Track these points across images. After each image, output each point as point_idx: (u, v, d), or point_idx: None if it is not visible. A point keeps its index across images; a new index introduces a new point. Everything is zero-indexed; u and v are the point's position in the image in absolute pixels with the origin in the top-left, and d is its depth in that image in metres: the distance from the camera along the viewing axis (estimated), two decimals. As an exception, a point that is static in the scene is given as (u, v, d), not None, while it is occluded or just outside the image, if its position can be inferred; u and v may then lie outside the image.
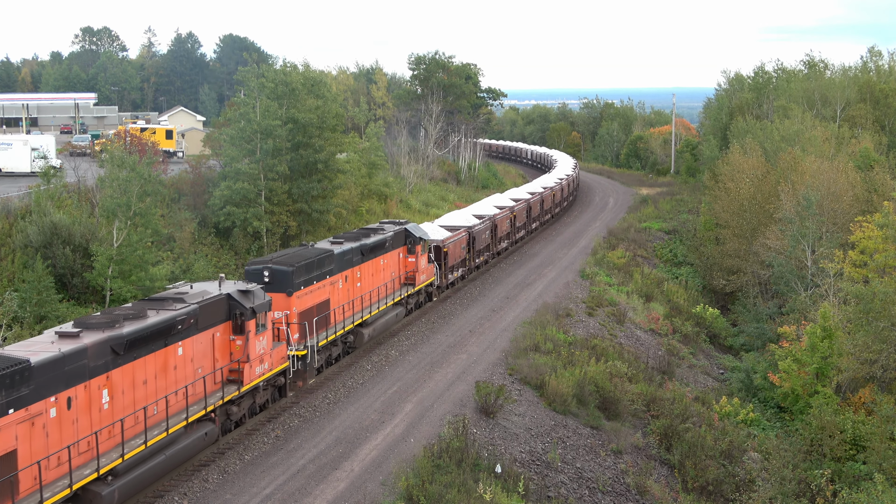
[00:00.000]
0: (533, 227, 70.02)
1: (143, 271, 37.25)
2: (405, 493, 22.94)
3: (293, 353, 29.62)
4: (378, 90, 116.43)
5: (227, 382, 26.03)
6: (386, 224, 41.88)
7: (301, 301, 30.50)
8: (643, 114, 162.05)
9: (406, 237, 41.17)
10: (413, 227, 42.20)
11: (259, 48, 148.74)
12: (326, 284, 32.54)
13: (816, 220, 48.20)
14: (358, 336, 35.44)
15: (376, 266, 37.61)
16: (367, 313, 35.85)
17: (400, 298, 39.79)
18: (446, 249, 46.07)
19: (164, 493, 22.73)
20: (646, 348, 43.86)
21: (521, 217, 64.44)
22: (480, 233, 52.54)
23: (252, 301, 26.47)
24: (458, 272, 48.89)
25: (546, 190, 76.34)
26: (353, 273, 35.15)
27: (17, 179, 55.46)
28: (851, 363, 34.20)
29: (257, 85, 49.98)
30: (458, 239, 48.33)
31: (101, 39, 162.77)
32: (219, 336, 25.55)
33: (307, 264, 30.95)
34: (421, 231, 42.69)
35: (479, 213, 57.42)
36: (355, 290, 35.23)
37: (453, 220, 53.30)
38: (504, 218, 59.01)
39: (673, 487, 29.43)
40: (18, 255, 36.92)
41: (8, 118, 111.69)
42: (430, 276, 43.68)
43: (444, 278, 46.49)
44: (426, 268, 42.91)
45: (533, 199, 69.31)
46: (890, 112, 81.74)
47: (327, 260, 32.61)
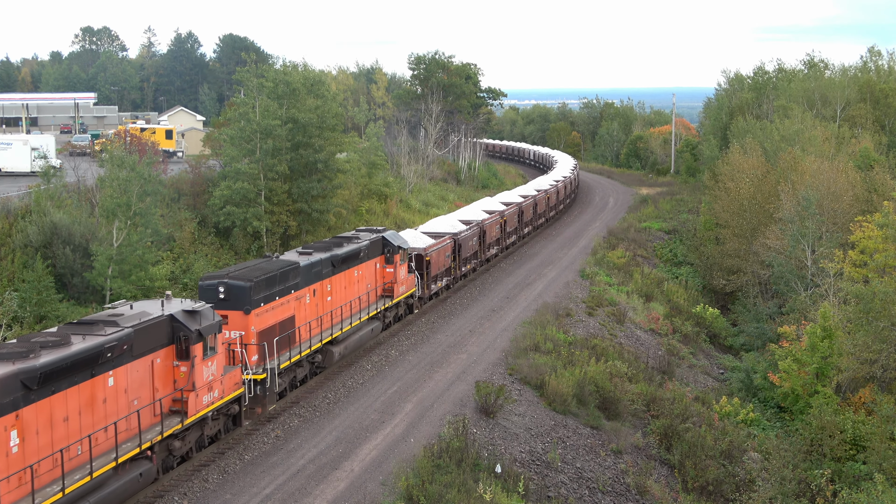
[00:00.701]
0: (525, 231, 67.39)
1: (142, 271, 37.31)
2: (405, 493, 22.94)
3: (249, 377, 26.95)
4: (378, 90, 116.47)
5: (170, 414, 23.17)
6: (362, 232, 39.08)
7: (261, 319, 27.83)
8: (643, 114, 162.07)
9: (384, 246, 38.58)
10: (391, 234, 39.53)
11: (259, 48, 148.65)
12: (291, 300, 29.87)
13: (816, 219, 48.20)
14: (327, 355, 32.59)
15: (349, 278, 34.89)
16: (338, 330, 33.07)
17: (376, 312, 37.05)
18: (429, 258, 43.40)
19: (164, 493, 22.73)
20: (646, 348, 43.86)
21: (512, 222, 62.10)
22: (467, 240, 49.85)
23: (199, 322, 23.69)
24: (441, 282, 46.31)
25: (539, 193, 73.58)
26: (323, 286, 32.41)
27: (17, 179, 55.49)
28: (851, 363, 34.20)
29: (257, 85, 50.00)
30: (442, 247, 45.71)
31: (101, 39, 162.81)
32: (159, 363, 22.77)
33: (268, 278, 28.27)
34: (400, 239, 40.05)
35: (466, 218, 54.74)
36: (325, 305, 32.49)
37: (438, 226, 50.47)
38: (493, 223, 56.33)
39: (673, 487, 29.43)
40: (18, 254, 36.94)
41: (8, 118, 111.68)
42: (410, 287, 41.01)
43: (427, 289, 43.77)
44: (406, 278, 40.25)
45: (525, 202, 66.81)
46: (890, 112, 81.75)
47: (292, 273, 29.87)
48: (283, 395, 29.95)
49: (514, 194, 70.20)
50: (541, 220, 73.58)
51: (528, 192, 73.07)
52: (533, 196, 70.25)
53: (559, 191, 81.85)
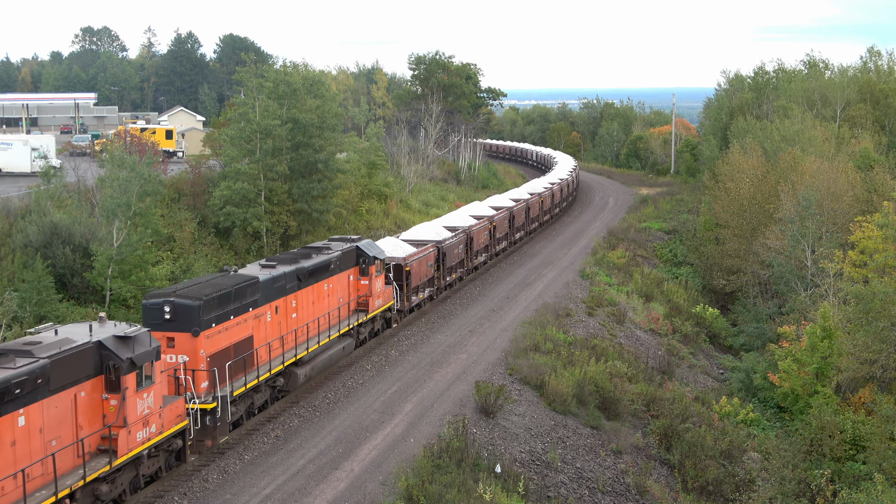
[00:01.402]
0: (517, 237, 64.57)
1: (143, 271, 37.32)
2: (405, 492, 22.95)
3: (196, 407, 24.40)
4: (378, 90, 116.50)
5: (97, 454, 20.58)
6: (335, 241, 36.58)
7: (212, 341, 25.24)
8: (643, 114, 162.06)
9: (358, 256, 35.98)
10: (366, 244, 37.03)
11: (259, 48, 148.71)
12: (249, 318, 27.23)
13: (816, 220, 48.21)
14: (291, 377, 29.94)
15: (318, 292, 32.19)
16: (304, 350, 30.45)
17: (348, 328, 34.49)
18: (409, 268, 40.64)
19: (164, 493, 22.73)
20: (646, 348, 43.86)
21: (503, 227, 59.32)
22: (452, 247, 47.21)
23: (132, 349, 21.08)
24: (424, 293, 43.53)
25: (532, 197, 70.70)
26: (287, 302, 29.74)
27: (17, 179, 55.49)
28: (851, 363, 34.20)
29: (257, 85, 49.99)
30: (424, 255, 42.99)
31: (101, 39, 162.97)
32: (84, 396, 20.10)
33: (221, 296, 25.60)
34: (376, 249, 37.51)
35: (451, 224, 51.97)
36: (289, 323, 29.88)
37: (420, 233, 47.72)
38: (481, 230, 53.61)
39: (673, 487, 29.44)
40: (18, 254, 36.92)
41: (8, 118, 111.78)
42: (387, 299, 38.47)
43: (407, 301, 41.03)
44: (383, 290, 37.65)
45: (517, 207, 63.78)
46: (890, 112, 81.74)
47: (250, 289, 27.25)
48: (238, 424, 27.44)
49: (504, 198, 67.38)
50: (533, 225, 70.81)
51: (520, 195, 70.36)
52: (525, 200, 67.50)
53: (554, 194, 78.99)
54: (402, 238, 46.17)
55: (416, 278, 41.74)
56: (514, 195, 70.18)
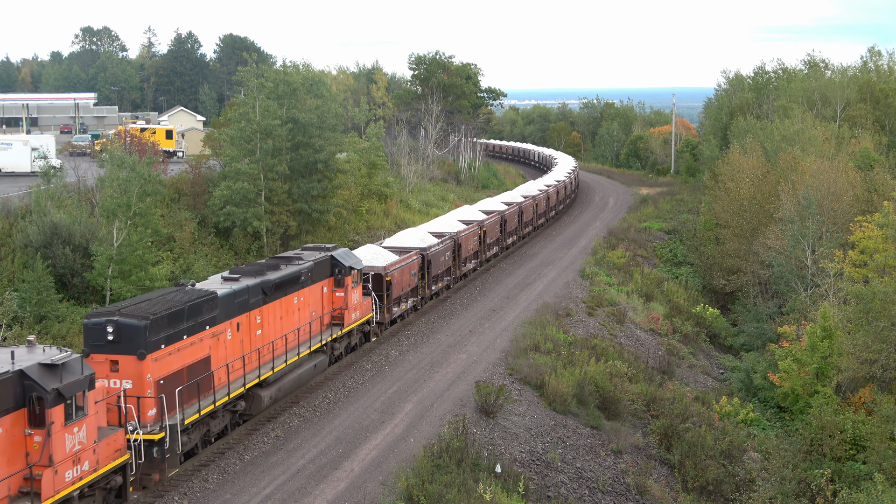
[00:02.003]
0: (508, 242, 61.99)
1: (143, 271, 37.33)
2: (405, 492, 22.94)
3: (140, 438, 21.91)
4: (378, 90, 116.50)
5: (19, 497, 18.36)
6: (308, 251, 34.19)
7: (161, 365, 22.85)
8: (643, 114, 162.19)
9: (333, 267, 33.52)
10: (342, 253, 34.46)
11: (259, 48, 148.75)
12: (206, 337, 24.90)
13: (816, 220, 48.21)
14: (254, 400, 27.66)
15: (287, 306, 29.78)
16: (269, 369, 28.14)
17: (321, 344, 32.07)
18: (389, 278, 38.17)
19: (164, 493, 22.73)
20: (646, 348, 43.86)
21: (493, 232, 56.90)
22: (438, 255, 44.79)
23: (59, 378, 18.80)
24: (406, 303, 41.24)
25: (527, 199, 68.11)
26: (251, 318, 27.39)
27: (17, 179, 55.49)
28: (851, 363, 34.20)
29: (257, 85, 50.00)
30: (407, 264, 40.62)
31: (101, 39, 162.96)
32: (3, 433, 18.08)
33: (172, 314, 23.30)
34: (352, 258, 34.93)
35: (438, 230, 49.47)
36: (253, 341, 27.52)
37: (404, 240, 45.35)
38: (470, 235, 51.04)
39: (673, 487, 29.43)
40: (18, 254, 36.94)
41: (8, 118, 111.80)
42: (365, 312, 36.04)
43: (388, 313, 38.57)
44: (360, 303, 35.21)
45: (509, 210, 61.19)
46: (890, 112, 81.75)
47: (206, 305, 24.94)
48: (192, 454, 25.06)
49: (496, 202, 64.68)
50: (527, 229, 68.28)
51: (512, 199, 67.71)
52: (518, 203, 64.80)
53: (549, 197, 76.41)
54: (385, 245, 43.89)
55: (398, 288, 39.28)
56: (506, 198, 67.88)
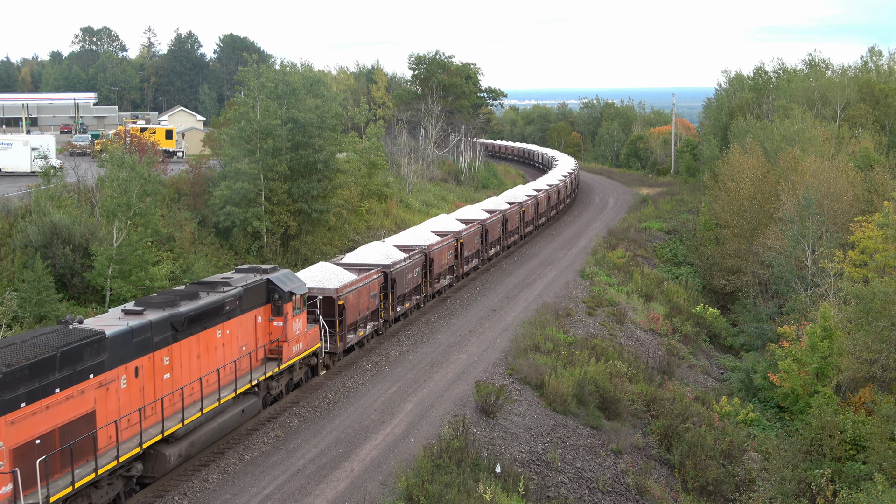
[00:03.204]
0: (491, 253, 57.00)
1: (143, 271, 37.34)
2: (405, 492, 22.94)
3: None
4: (378, 90, 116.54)
5: None
6: (241, 273, 29.34)
7: (18, 429, 18.35)
8: (643, 114, 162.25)
9: (269, 292, 28.80)
10: (282, 276, 29.58)
11: (259, 48, 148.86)
12: (89, 389, 20.40)
13: (816, 220, 48.22)
14: (157, 460, 22.99)
15: (207, 342, 25.17)
16: (177, 421, 23.38)
17: (251, 385, 27.29)
18: (342, 301, 33.52)
19: (164, 493, 22.73)
20: (646, 348, 43.86)
21: (472, 244, 51.92)
22: (404, 272, 40.45)
23: None
24: (365, 328, 36.51)
25: (512, 206, 63.03)
26: (155, 361, 22.75)
27: (17, 179, 55.51)
28: (851, 363, 34.21)
29: (257, 85, 50.02)
30: (366, 284, 36.04)
31: (101, 39, 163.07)
32: None
33: (37, 364, 18.78)
34: (294, 281, 29.99)
35: (408, 243, 45.17)
36: (158, 388, 22.88)
37: (366, 256, 40.86)
38: (444, 248, 46.26)
39: (673, 487, 29.43)
40: (18, 254, 36.94)
41: (8, 118, 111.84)
42: (311, 342, 31.27)
43: (341, 342, 33.83)
44: (305, 332, 30.53)
45: (491, 219, 56.39)
46: (890, 112, 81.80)
47: (90, 349, 20.36)
48: None
49: (476, 210, 59.50)
50: (512, 238, 62.93)
51: (496, 205, 62.38)
52: (501, 211, 59.73)
53: (539, 202, 71.45)
54: (344, 262, 40.04)
55: (353, 313, 34.69)
56: (488, 205, 62.55)
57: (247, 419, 27.35)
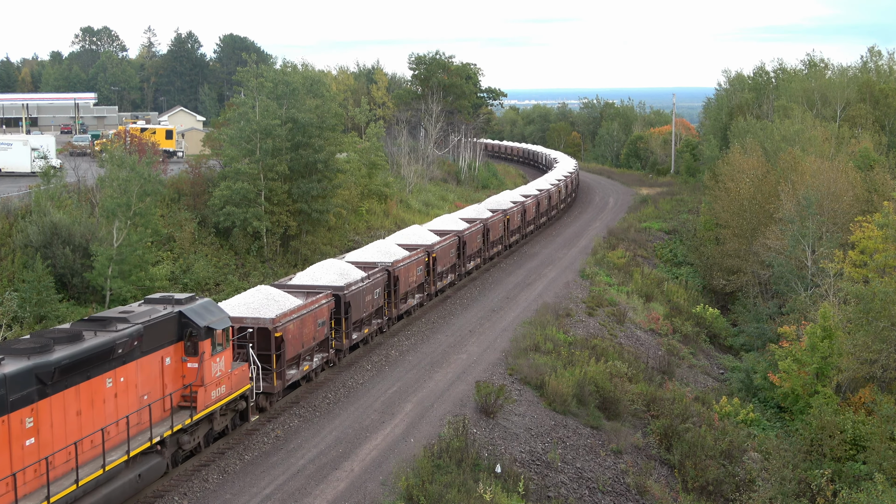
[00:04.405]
0: (469, 267, 51.23)
1: (143, 271, 37.39)
2: (405, 492, 22.94)
3: None
4: (378, 90, 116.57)
5: None
6: (149, 304, 24.29)
7: None
8: (643, 114, 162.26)
9: (181, 327, 23.97)
10: (199, 308, 24.63)
11: (259, 48, 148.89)
12: None
13: (816, 220, 48.21)
14: None
15: (93, 394, 20.58)
16: (40, 499, 18.53)
17: (152, 443, 22.31)
18: (281, 333, 28.53)
19: (164, 493, 22.73)
20: (646, 348, 43.86)
21: (445, 258, 46.33)
22: (361, 293, 35.27)
23: None
24: (311, 361, 31.44)
25: (495, 215, 57.27)
26: (11, 424, 18.10)
27: (17, 179, 55.52)
28: (851, 363, 34.20)
29: (256, 85, 50.03)
30: (311, 311, 30.91)
31: (101, 39, 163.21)
32: None
33: None
34: (214, 313, 25.05)
35: (368, 259, 40.05)
36: (17, 458, 18.25)
37: (317, 276, 35.76)
38: (412, 265, 41.27)
39: (673, 487, 29.43)
40: (18, 255, 36.96)
41: (8, 118, 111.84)
42: (238, 384, 26.23)
43: (278, 380, 28.84)
44: (228, 373, 25.56)
45: (469, 230, 50.72)
46: (890, 112, 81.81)
47: None
48: None
49: (454, 218, 53.91)
50: (494, 250, 57.09)
51: (479, 214, 56.80)
52: (483, 220, 54.47)
53: (527, 209, 66.00)
54: (292, 283, 35.03)
55: (295, 345, 29.80)
56: (468, 214, 57.03)
57: (146, 484, 22.42)
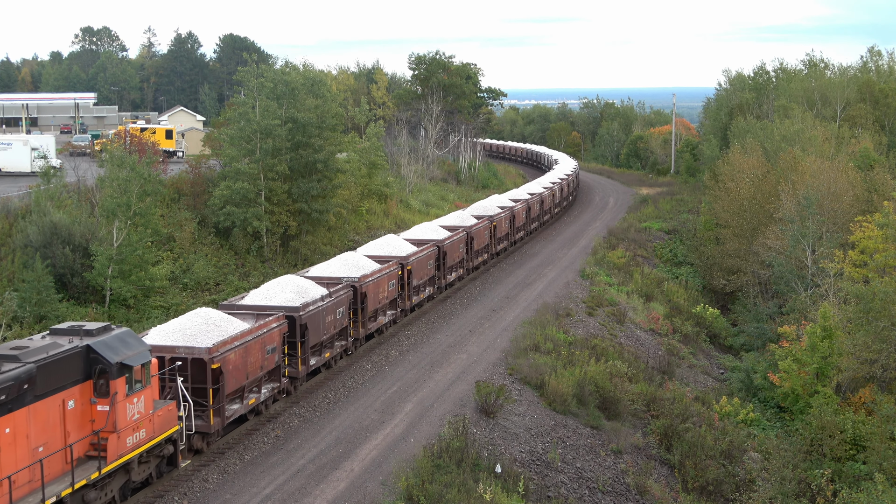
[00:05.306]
0: (450, 278, 47.67)
1: (142, 271, 37.37)
2: (405, 492, 22.94)
3: None
4: (378, 90, 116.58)
5: None
6: (54, 336, 20.66)
7: None
8: (643, 114, 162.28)
9: (89, 364, 20.21)
10: (113, 340, 20.89)
11: (259, 48, 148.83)
12: None
13: (816, 220, 48.22)
14: None
15: None
16: None
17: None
18: (218, 364, 24.79)
19: (164, 493, 22.72)
20: (646, 348, 43.86)
21: (422, 270, 42.66)
22: (321, 314, 31.53)
23: None
24: (258, 394, 27.80)
25: (480, 221, 53.83)
26: None
27: (17, 179, 55.50)
28: (851, 363, 34.21)
29: (256, 85, 50.02)
30: (258, 337, 27.18)
31: (101, 39, 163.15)
32: None
33: None
34: (131, 346, 21.17)
35: (332, 274, 36.32)
36: None
37: (270, 294, 31.42)
38: (382, 280, 37.55)
39: (673, 487, 29.43)
40: (18, 254, 36.94)
41: (8, 118, 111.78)
42: (163, 426, 22.32)
43: (216, 416, 25.16)
44: (149, 415, 21.71)
45: (450, 239, 47.25)
46: (890, 112, 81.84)
47: None
48: None
49: (434, 227, 49.51)
50: (479, 259, 53.58)
51: (462, 221, 53.03)
52: (466, 228, 51.28)
53: (515, 215, 61.82)
54: (242, 303, 31.02)
55: (237, 376, 26.01)
56: (450, 221, 53.15)
57: None
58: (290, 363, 30.10)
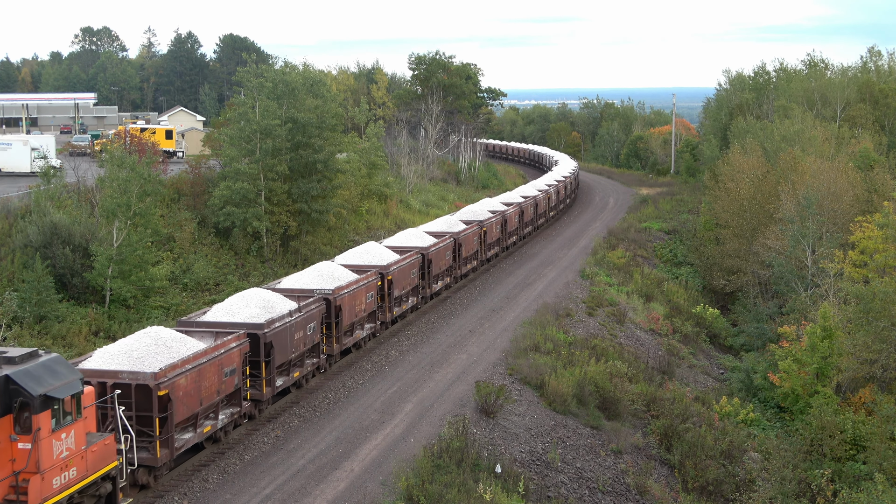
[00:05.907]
0: (436, 287, 45.26)
1: (143, 271, 37.37)
2: (405, 493, 22.95)
3: None
4: (378, 90, 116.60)
5: None
6: None
7: None
8: (643, 114, 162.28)
9: (8, 396, 17.81)
10: (38, 368, 18.51)
11: (259, 48, 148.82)
12: None
13: (816, 220, 48.22)
14: None
15: None
16: None
17: None
18: (166, 391, 22.50)
19: (165, 493, 22.72)
20: (646, 348, 43.86)
21: (405, 280, 40.13)
22: (289, 330, 29.14)
23: None
24: (215, 420, 25.56)
25: (469, 226, 51.44)
26: None
27: (17, 179, 55.49)
28: (851, 363, 34.22)
29: (256, 85, 50.02)
30: (215, 358, 24.90)
31: (101, 39, 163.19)
32: None
33: None
34: (59, 376, 18.72)
35: (304, 286, 33.53)
36: None
37: (233, 309, 29.07)
38: (359, 291, 35.01)
39: (673, 487, 29.43)
40: (18, 255, 36.94)
41: (8, 118, 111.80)
42: (99, 462, 19.65)
43: (164, 447, 22.86)
44: (82, 451, 19.12)
45: (436, 246, 44.69)
46: (890, 112, 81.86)
47: None
48: None
49: (419, 233, 47.01)
50: (468, 266, 50.99)
51: (450, 227, 50.52)
52: (454, 234, 48.50)
53: (507, 220, 59.11)
54: (202, 319, 28.64)
55: (189, 404, 23.75)
56: (437, 227, 50.65)
57: None
58: (254, 384, 27.70)
